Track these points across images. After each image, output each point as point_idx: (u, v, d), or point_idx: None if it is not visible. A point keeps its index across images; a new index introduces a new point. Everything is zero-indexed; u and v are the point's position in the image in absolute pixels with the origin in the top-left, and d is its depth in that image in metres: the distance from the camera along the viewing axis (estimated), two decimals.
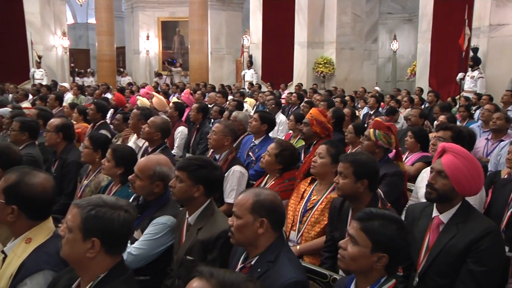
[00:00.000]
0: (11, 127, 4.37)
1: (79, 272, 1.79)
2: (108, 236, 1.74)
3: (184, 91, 10.31)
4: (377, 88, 13.80)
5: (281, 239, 2.12)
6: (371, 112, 8.48)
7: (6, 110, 5.43)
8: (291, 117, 5.66)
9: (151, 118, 4.39)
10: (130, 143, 4.94)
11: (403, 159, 4.22)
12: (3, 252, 2.06)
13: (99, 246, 1.73)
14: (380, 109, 8.96)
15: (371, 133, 3.71)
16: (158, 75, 19.41)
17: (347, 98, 9.59)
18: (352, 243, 1.83)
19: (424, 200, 3.10)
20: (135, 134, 5.11)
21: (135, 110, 5.21)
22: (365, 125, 5.70)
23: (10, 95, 11.18)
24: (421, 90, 11.42)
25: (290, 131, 5.90)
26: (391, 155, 3.85)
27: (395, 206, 3.43)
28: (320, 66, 14.74)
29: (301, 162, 3.99)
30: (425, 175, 3.63)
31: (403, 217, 3.07)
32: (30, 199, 2.07)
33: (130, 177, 2.81)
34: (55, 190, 2.24)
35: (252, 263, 2.07)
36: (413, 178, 4.00)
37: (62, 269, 1.97)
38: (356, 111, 7.72)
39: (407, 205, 3.57)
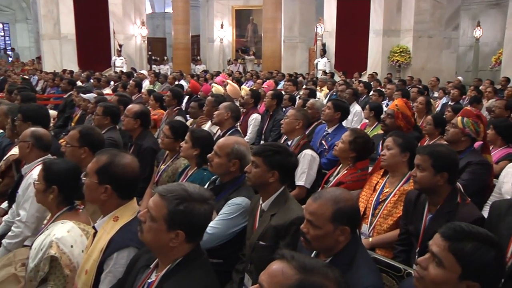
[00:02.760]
0: (95, 112, 4.62)
1: (158, 256, 1.86)
2: (192, 228, 1.79)
3: (267, 82, 10.33)
4: (460, 78, 13.07)
5: (356, 240, 2.04)
6: (452, 103, 8.07)
7: (92, 95, 5.76)
8: (367, 106, 5.60)
9: (223, 104, 4.50)
10: (206, 127, 5.05)
11: None
12: (94, 227, 2.21)
13: (183, 238, 1.78)
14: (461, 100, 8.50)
15: (459, 121, 3.55)
16: (231, 63, 19.72)
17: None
18: (436, 264, 1.58)
19: (508, 196, 2.91)
20: (210, 121, 5.22)
21: (209, 97, 5.33)
22: (443, 116, 5.44)
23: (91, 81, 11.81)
24: (508, 80, 10.68)
25: (365, 121, 5.80)
26: (476, 146, 3.66)
27: (478, 199, 3.27)
28: (396, 55, 14.27)
29: (378, 155, 3.89)
30: (510, 169, 3.43)
31: (484, 213, 2.93)
32: (121, 179, 2.18)
33: (209, 155, 2.90)
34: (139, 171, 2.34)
35: None
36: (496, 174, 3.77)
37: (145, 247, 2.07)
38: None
39: (488, 201, 3.40)
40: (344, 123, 5.00)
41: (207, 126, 5.25)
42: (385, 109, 5.65)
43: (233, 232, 2.68)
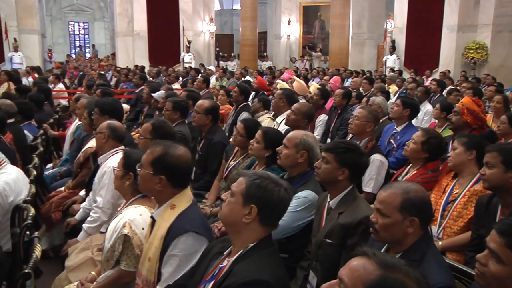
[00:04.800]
0: (165, 107, 4.78)
1: (232, 236, 1.93)
2: (265, 206, 1.86)
3: (333, 78, 10.22)
4: None
5: (427, 237, 1.98)
6: None
7: (161, 94, 5.96)
8: (437, 105, 5.35)
9: (296, 105, 4.44)
10: (264, 124, 5.05)
11: None
12: (151, 217, 2.30)
13: (256, 214, 1.85)
14: None
15: None
16: (295, 60, 19.68)
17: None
18: (496, 261, 1.59)
19: None
20: (270, 116, 5.26)
21: (278, 90, 5.36)
22: None
23: (163, 78, 12.24)
24: None
25: (435, 121, 5.57)
26: None
27: None
28: (471, 51, 13.61)
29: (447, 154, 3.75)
30: None
31: None
32: (175, 169, 2.25)
33: (278, 148, 2.94)
34: (192, 161, 2.42)
35: None
36: None
37: (204, 232, 2.18)
38: None
39: None
40: (414, 122, 4.85)
41: (266, 122, 5.27)
42: None
43: (299, 225, 2.69)
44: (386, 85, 10.06)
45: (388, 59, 15.68)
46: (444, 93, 8.30)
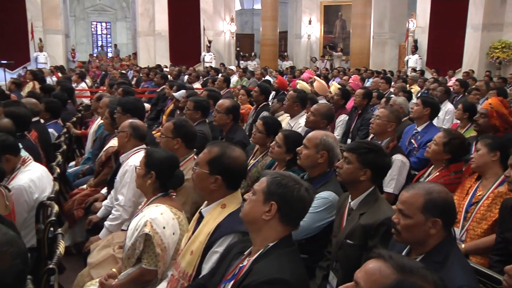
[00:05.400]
0: (186, 106, 4.81)
1: (253, 234, 1.94)
2: (285, 204, 1.87)
3: (352, 76, 10.15)
4: None
5: (450, 239, 1.96)
6: None
7: (182, 92, 5.99)
8: (459, 106, 5.25)
9: (315, 106, 4.40)
10: (284, 124, 5.04)
11: None
12: (200, 212, 2.35)
13: (275, 211, 1.86)
14: None
15: None
16: (315, 60, 19.61)
17: None
18: None
19: None
20: (289, 115, 5.21)
21: (291, 92, 5.31)
22: None
23: (186, 76, 12.31)
24: None
25: (457, 121, 5.48)
26: None
27: None
28: (497, 51, 13.32)
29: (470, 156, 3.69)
30: None
31: None
32: (231, 170, 2.30)
33: (298, 148, 2.94)
34: None
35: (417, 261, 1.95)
36: None
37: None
38: None
39: None
40: (435, 122, 4.78)
41: (286, 120, 5.25)
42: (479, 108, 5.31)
43: (319, 226, 2.69)
44: (407, 85, 9.96)
45: (410, 59, 15.47)
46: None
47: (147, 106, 7.39)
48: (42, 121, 5.17)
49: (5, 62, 14.77)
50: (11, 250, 1.15)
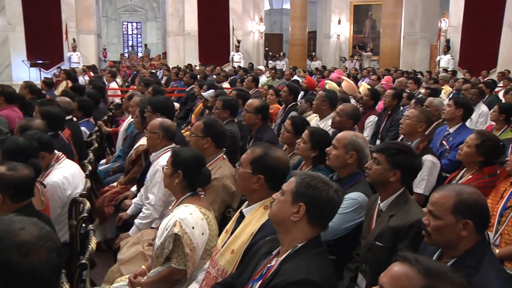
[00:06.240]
0: (215, 105, 4.84)
1: (281, 235, 1.93)
2: (314, 205, 1.85)
3: (385, 77, 10.01)
4: None
5: (484, 243, 1.90)
6: None
7: (211, 91, 6.03)
8: (495, 107, 5.11)
9: (340, 107, 4.32)
10: (312, 124, 5.00)
11: None
12: (241, 212, 2.37)
13: (304, 212, 1.85)
14: None
15: None
16: (344, 60, 19.45)
17: None
18: None
19: None
20: (318, 116, 5.16)
21: (320, 91, 5.26)
22: None
23: (214, 76, 12.39)
24: None
25: (492, 123, 5.34)
26: None
27: None
28: None
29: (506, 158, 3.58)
30: None
31: None
32: (274, 170, 2.31)
33: (327, 149, 2.92)
34: None
35: (448, 265, 1.88)
36: None
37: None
38: None
39: None
40: (468, 124, 4.67)
41: (313, 120, 5.21)
42: None
43: (348, 227, 2.66)
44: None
45: (442, 59, 15.17)
46: (500, 95, 7.93)
47: (176, 105, 7.48)
48: (74, 119, 5.29)
49: (40, 62, 15.24)
50: (47, 245, 1.17)
